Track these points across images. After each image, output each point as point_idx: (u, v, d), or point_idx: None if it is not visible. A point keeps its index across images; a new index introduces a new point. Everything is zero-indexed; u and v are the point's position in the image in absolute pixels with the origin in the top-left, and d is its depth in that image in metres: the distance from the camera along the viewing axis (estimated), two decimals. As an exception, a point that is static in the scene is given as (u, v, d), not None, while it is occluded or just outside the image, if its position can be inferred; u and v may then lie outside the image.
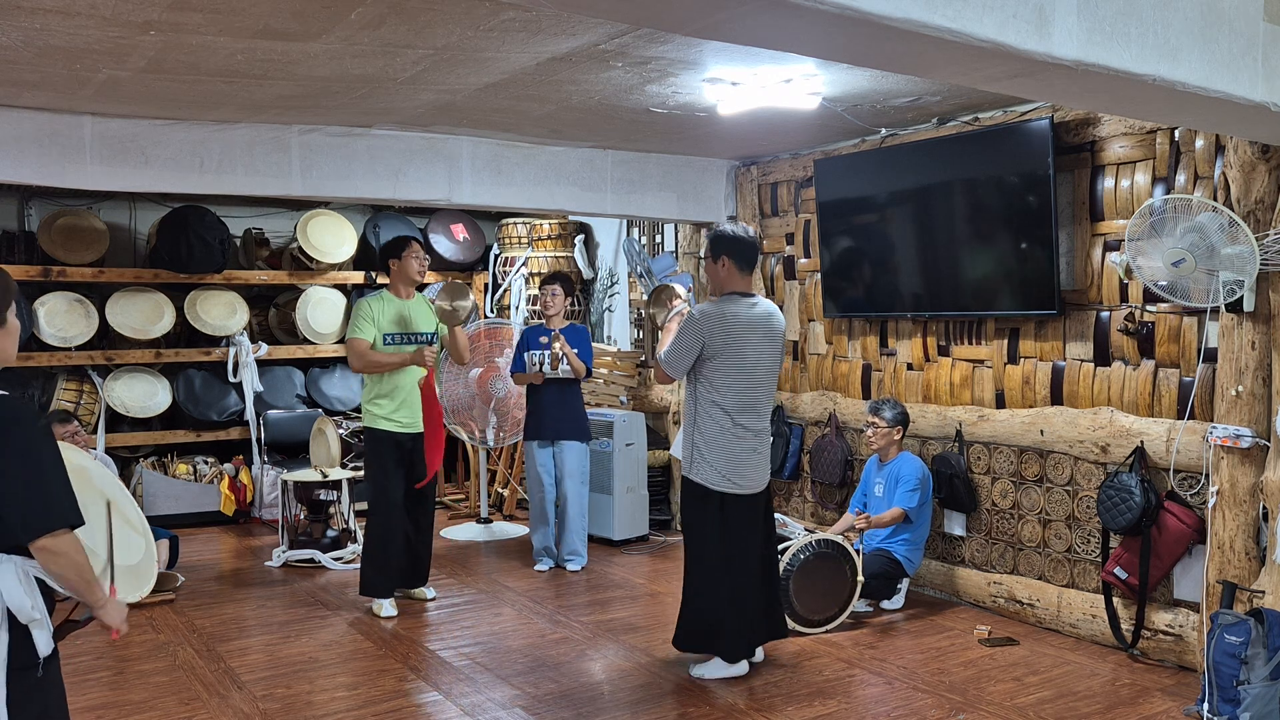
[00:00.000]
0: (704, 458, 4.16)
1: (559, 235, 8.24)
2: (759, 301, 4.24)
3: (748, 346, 4.12)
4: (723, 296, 4.21)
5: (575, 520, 6.04)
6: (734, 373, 4.11)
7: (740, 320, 4.11)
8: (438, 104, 4.86)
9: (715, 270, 4.25)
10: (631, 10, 2.36)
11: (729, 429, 4.13)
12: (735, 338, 4.09)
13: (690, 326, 4.11)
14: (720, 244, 4.22)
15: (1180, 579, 4.40)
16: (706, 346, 4.09)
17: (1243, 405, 3.99)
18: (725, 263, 4.22)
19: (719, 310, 4.12)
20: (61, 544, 2.13)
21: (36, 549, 2.11)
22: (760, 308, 4.21)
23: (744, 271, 4.24)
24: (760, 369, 4.17)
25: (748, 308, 4.17)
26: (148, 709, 3.92)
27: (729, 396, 4.12)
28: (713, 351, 4.09)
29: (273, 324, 8.06)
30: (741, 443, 4.15)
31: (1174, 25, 2.75)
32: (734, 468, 4.14)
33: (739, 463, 4.15)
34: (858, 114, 5.15)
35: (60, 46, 3.76)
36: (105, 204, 7.49)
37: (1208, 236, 3.81)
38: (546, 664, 4.43)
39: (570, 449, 5.99)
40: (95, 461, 2.53)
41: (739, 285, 4.23)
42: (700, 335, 4.08)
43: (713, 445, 4.14)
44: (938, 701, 3.99)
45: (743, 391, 4.14)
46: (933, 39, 2.33)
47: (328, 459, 6.79)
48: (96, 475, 2.45)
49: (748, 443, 4.17)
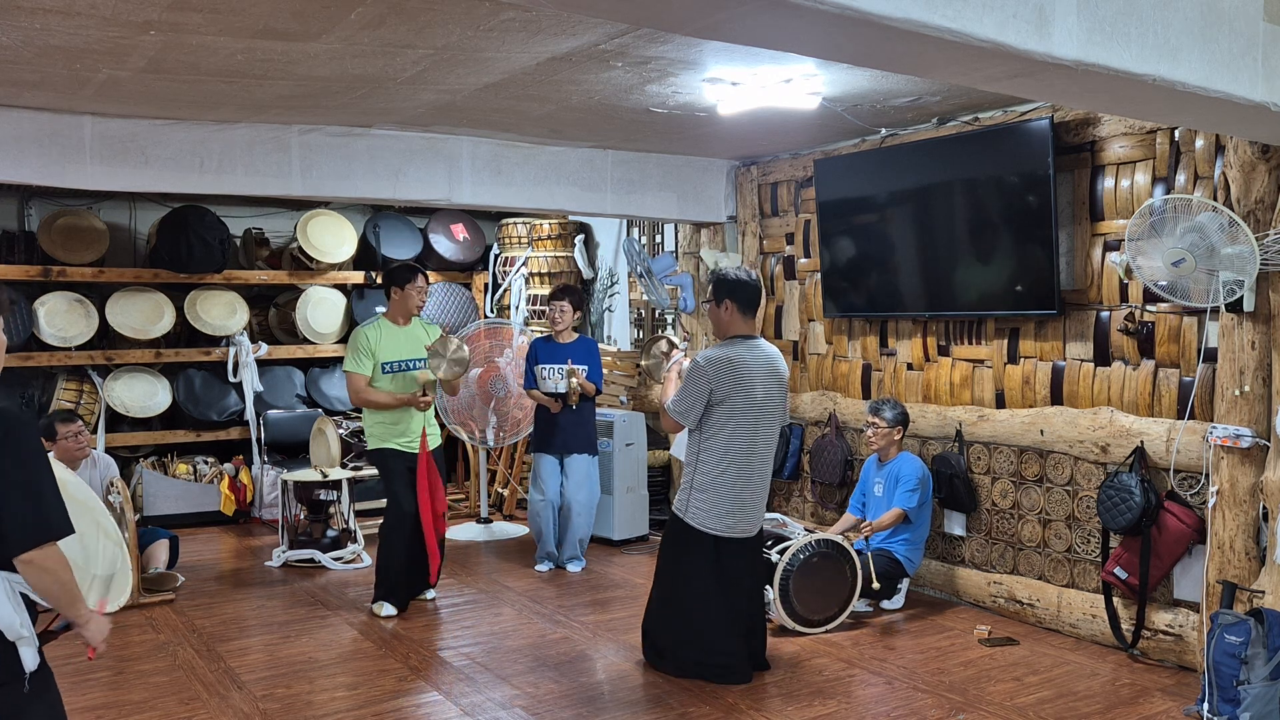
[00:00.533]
0: (701, 501, 4.14)
1: (559, 235, 8.24)
2: (762, 345, 4.23)
3: (755, 391, 4.11)
4: (726, 341, 4.21)
5: (580, 527, 6.06)
6: (741, 417, 4.09)
7: (746, 364, 4.10)
8: (438, 104, 4.86)
9: (718, 314, 4.25)
10: (631, 10, 2.36)
11: (733, 473, 4.11)
12: (742, 382, 4.08)
13: (697, 374, 4.10)
14: (723, 288, 4.22)
15: (1180, 579, 4.40)
16: (714, 393, 4.08)
17: (1243, 405, 3.99)
18: (728, 306, 4.21)
19: (724, 355, 4.10)
20: (48, 558, 2.10)
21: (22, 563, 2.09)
22: (764, 351, 4.20)
23: (747, 315, 4.24)
24: (767, 414, 4.15)
25: (752, 351, 4.15)
26: (148, 709, 3.92)
27: (734, 443, 4.10)
28: (720, 397, 4.08)
29: (273, 324, 8.06)
30: (743, 487, 4.13)
31: (1174, 25, 2.75)
32: (732, 511, 4.13)
33: (739, 507, 4.14)
34: (858, 114, 5.15)
35: (60, 46, 3.76)
36: (105, 204, 7.49)
37: (1208, 236, 3.81)
38: (546, 664, 4.43)
39: (579, 461, 6.02)
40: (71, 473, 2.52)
41: (742, 329, 4.23)
42: (708, 382, 4.07)
43: (711, 490, 4.12)
44: (938, 701, 3.99)
45: (749, 437, 4.12)
46: (933, 39, 2.33)
47: (328, 459, 6.79)
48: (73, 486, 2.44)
49: (749, 487, 4.15)
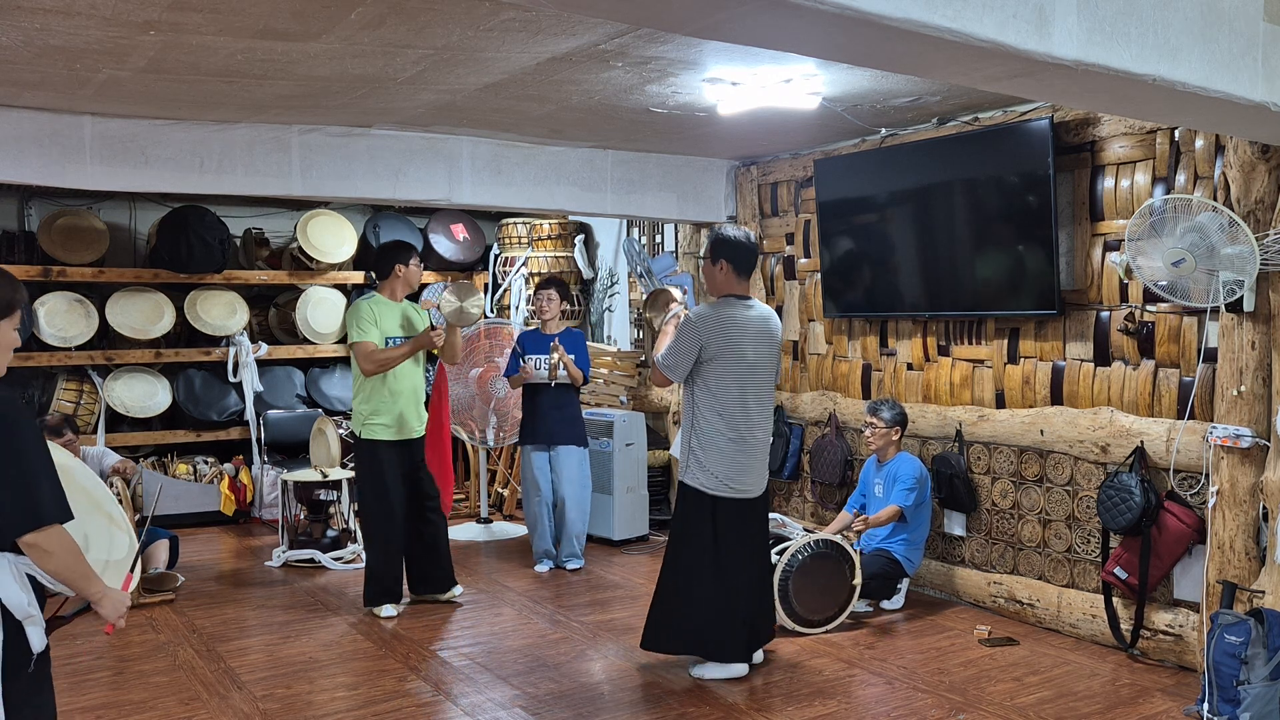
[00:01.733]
0: (700, 462, 4.15)
1: (559, 235, 8.24)
2: (755, 305, 4.24)
3: (746, 349, 4.12)
4: (720, 299, 4.21)
5: (575, 524, 6.05)
6: (732, 376, 4.11)
7: (738, 323, 4.11)
8: (438, 104, 4.86)
9: (713, 273, 4.25)
10: (631, 10, 2.36)
11: (727, 432, 4.12)
12: (733, 340, 4.09)
13: (688, 329, 4.11)
14: (720, 247, 4.22)
15: (1180, 579, 4.40)
16: (704, 349, 4.08)
17: (1243, 405, 3.99)
18: (724, 266, 4.22)
19: (716, 313, 4.11)
20: (51, 540, 2.13)
21: (26, 546, 2.12)
22: (757, 311, 4.21)
23: (742, 276, 4.24)
24: (759, 372, 4.17)
25: (745, 310, 4.17)
26: (148, 709, 3.92)
27: (728, 399, 4.12)
28: (711, 354, 4.08)
29: (273, 324, 8.06)
30: (740, 446, 4.14)
31: (1174, 25, 2.75)
32: (732, 471, 4.14)
33: (737, 466, 4.14)
34: (858, 114, 5.15)
35: (60, 46, 3.76)
36: (105, 204, 7.49)
37: (1208, 236, 3.81)
38: (546, 664, 4.43)
39: (567, 454, 5.99)
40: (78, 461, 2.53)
41: (736, 289, 4.23)
42: (698, 338, 4.08)
43: (710, 449, 4.13)
44: (938, 701, 3.99)
45: (741, 394, 4.13)
46: (933, 39, 2.33)
47: (328, 459, 6.79)
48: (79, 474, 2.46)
49: (746, 446, 4.16)
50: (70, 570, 2.18)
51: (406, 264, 5.15)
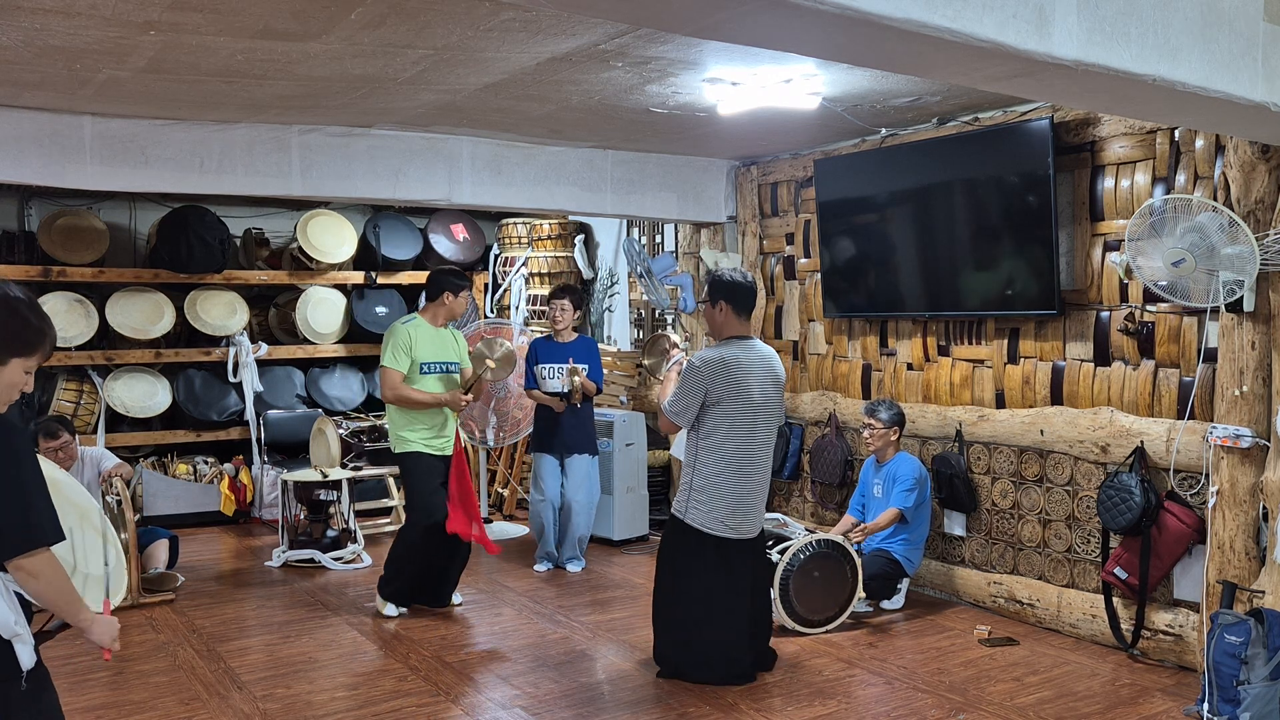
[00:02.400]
0: (701, 502, 4.12)
1: (559, 235, 8.24)
2: (757, 345, 4.22)
3: (752, 391, 4.10)
4: (722, 342, 4.21)
5: (579, 528, 6.06)
6: (737, 417, 4.09)
7: (742, 365, 4.09)
8: (438, 104, 4.86)
9: (713, 315, 4.25)
10: (631, 10, 2.36)
11: (729, 475, 4.10)
12: (738, 382, 4.07)
13: (692, 375, 4.09)
14: (718, 290, 4.21)
15: (1180, 579, 4.40)
16: (710, 393, 4.07)
17: (1243, 405, 3.99)
18: (723, 308, 4.21)
19: (719, 356, 4.09)
20: (38, 565, 2.10)
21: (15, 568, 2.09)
22: (759, 351, 4.19)
23: (742, 316, 4.23)
24: (763, 412, 4.15)
25: (748, 352, 4.15)
26: (148, 709, 3.92)
27: (731, 443, 4.09)
28: (716, 398, 4.07)
29: (273, 324, 8.06)
30: (742, 488, 4.12)
31: (1174, 25, 2.75)
32: (731, 512, 4.12)
33: (738, 508, 4.13)
34: (858, 114, 5.15)
35: (60, 46, 3.76)
36: (105, 204, 7.49)
37: (1208, 236, 3.81)
38: (546, 664, 4.43)
39: (579, 462, 6.02)
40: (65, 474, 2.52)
41: (737, 330, 4.22)
42: (703, 383, 4.06)
43: (711, 489, 4.11)
44: (938, 701, 3.99)
45: (746, 437, 4.11)
46: (933, 39, 2.33)
47: (328, 459, 6.79)
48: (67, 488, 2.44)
49: (748, 487, 4.14)
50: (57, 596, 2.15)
51: (455, 294, 5.12)
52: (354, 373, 8.11)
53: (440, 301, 5.12)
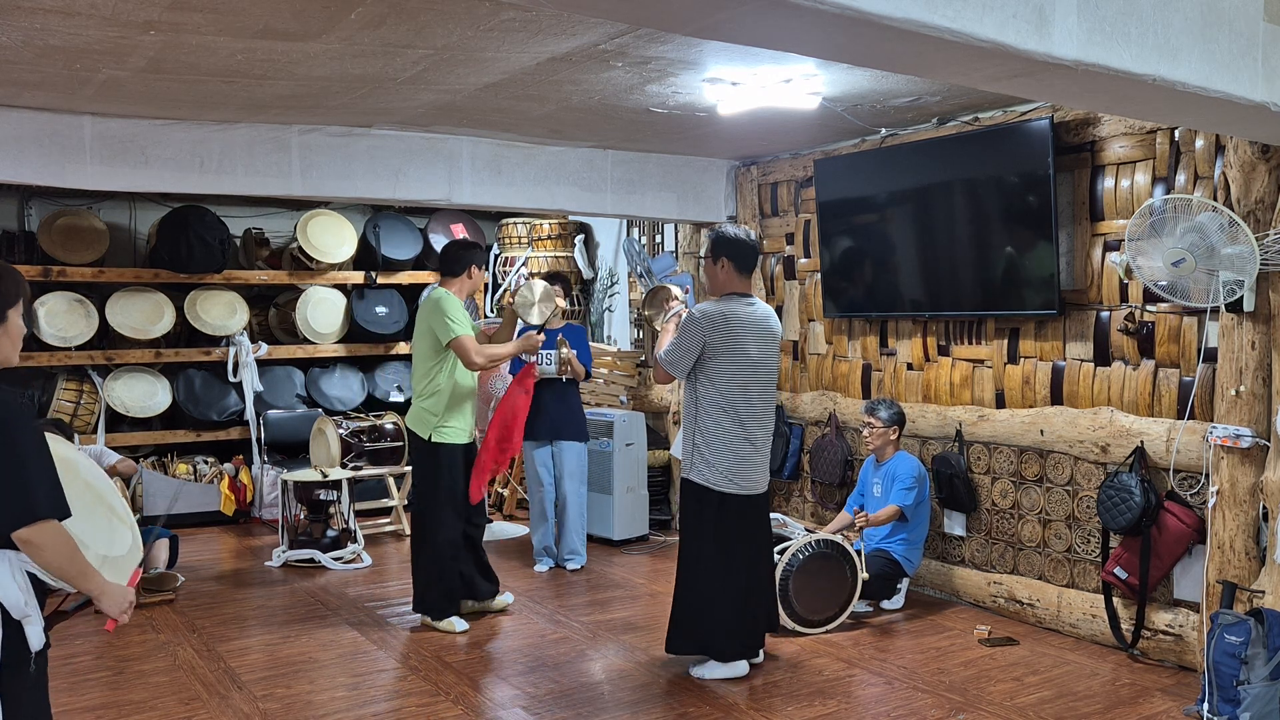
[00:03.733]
0: (704, 458, 4.16)
1: (559, 235, 8.24)
2: (757, 303, 4.25)
3: (750, 346, 4.13)
4: (721, 297, 4.22)
5: (574, 520, 6.05)
6: (735, 373, 4.11)
7: (741, 320, 4.12)
8: (438, 104, 4.86)
9: (714, 271, 4.26)
10: (631, 10, 2.36)
11: (731, 429, 4.13)
12: (736, 337, 4.10)
13: (691, 326, 4.11)
14: (720, 246, 4.23)
15: (1180, 579, 4.40)
16: (707, 346, 4.09)
17: (1243, 405, 3.99)
18: (725, 264, 4.23)
19: (719, 310, 4.12)
20: (43, 536, 2.12)
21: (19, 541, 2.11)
22: (759, 309, 4.23)
23: (743, 274, 4.25)
24: (761, 369, 4.18)
25: (747, 308, 4.18)
26: (148, 709, 3.92)
27: (731, 396, 4.12)
28: (714, 351, 4.09)
29: (273, 324, 8.06)
30: (743, 442, 4.15)
31: (1174, 25, 2.75)
32: (735, 468, 4.14)
33: (741, 462, 4.15)
34: (858, 114, 5.15)
35: (60, 46, 3.76)
36: (105, 204, 7.49)
37: (1208, 236, 3.81)
38: (546, 664, 4.43)
39: (569, 449, 6.00)
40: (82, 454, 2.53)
41: (737, 287, 4.24)
42: (701, 335, 4.09)
43: (714, 445, 4.14)
44: (938, 701, 3.99)
45: (745, 391, 4.14)
46: (933, 39, 2.33)
47: (328, 459, 6.79)
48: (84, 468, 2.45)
49: (749, 442, 4.17)
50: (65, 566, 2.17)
51: (480, 265, 5.00)
52: (354, 373, 8.10)
53: (467, 275, 4.95)
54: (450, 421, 4.83)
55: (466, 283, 4.97)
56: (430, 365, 4.82)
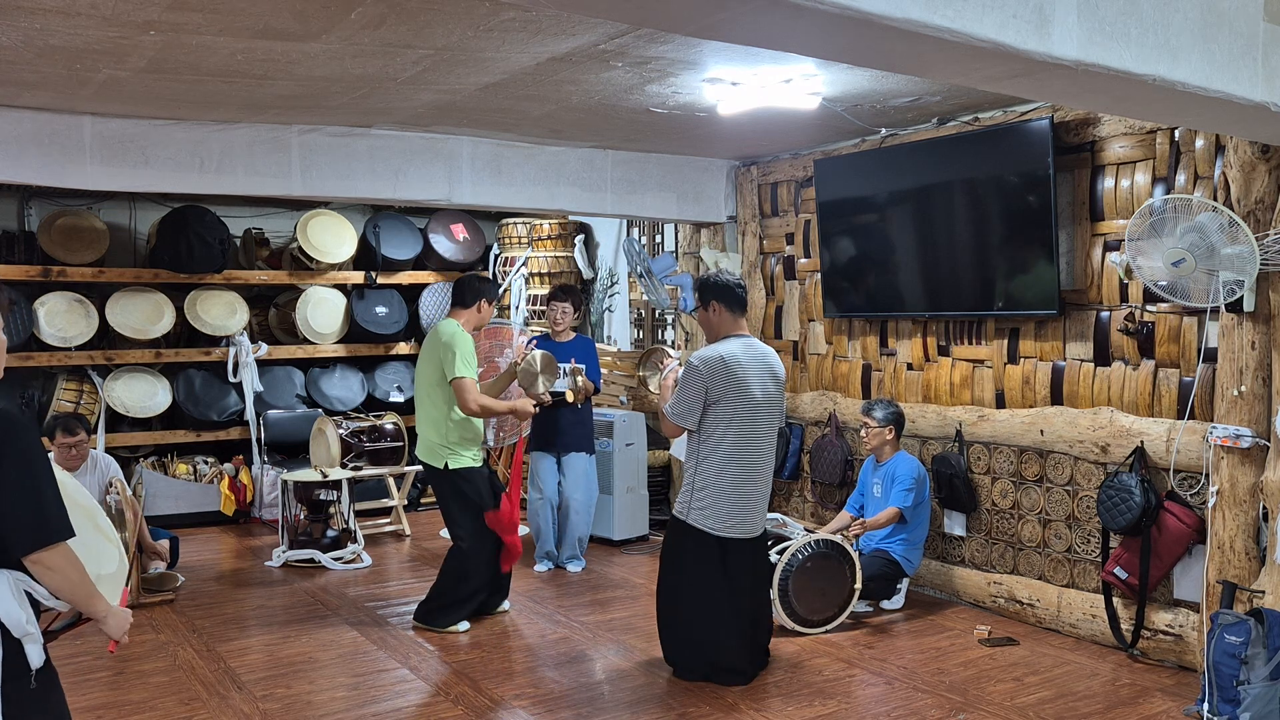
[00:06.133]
0: (704, 503, 4.12)
1: (559, 235, 8.24)
2: (755, 343, 4.23)
3: (753, 387, 4.10)
4: (719, 341, 4.21)
5: (579, 525, 6.06)
6: (739, 415, 4.09)
7: (741, 362, 4.10)
8: (438, 104, 4.86)
9: (707, 318, 4.26)
10: (631, 10, 2.36)
11: (734, 472, 4.10)
12: (738, 380, 4.07)
13: (692, 375, 4.09)
14: (707, 291, 4.22)
15: (1180, 579, 4.40)
16: (710, 391, 4.06)
17: (1243, 405, 3.99)
18: (716, 308, 4.22)
19: (717, 354, 4.10)
20: (56, 558, 2.11)
21: (32, 563, 2.10)
22: (757, 349, 4.20)
23: (735, 313, 4.24)
24: (764, 410, 4.15)
25: (746, 349, 4.15)
26: (148, 709, 3.92)
27: (733, 440, 4.09)
28: (716, 396, 4.06)
29: (273, 324, 8.06)
30: (745, 486, 4.13)
31: (1174, 25, 2.75)
32: (734, 512, 4.12)
33: (741, 507, 4.13)
34: (858, 114, 5.15)
35: (60, 46, 3.76)
36: (105, 204, 7.49)
37: (1208, 236, 3.81)
38: (546, 664, 4.43)
39: (577, 460, 6.03)
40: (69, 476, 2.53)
41: (733, 328, 4.23)
42: (703, 382, 4.06)
43: (714, 490, 4.10)
44: (938, 701, 3.99)
45: (747, 434, 4.11)
46: (933, 39, 2.33)
47: (328, 459, 6.79)
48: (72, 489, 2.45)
49: (751, 485, 4.15)
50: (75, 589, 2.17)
51: (490, 300, 5.01)
52: (354, 373, 8.10)
53: (477, 308, 4.96)
54: (462, 447, 4.87)
55: (475, 315, 4.98)
56: (436, 393, 4.85)
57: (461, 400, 4.77)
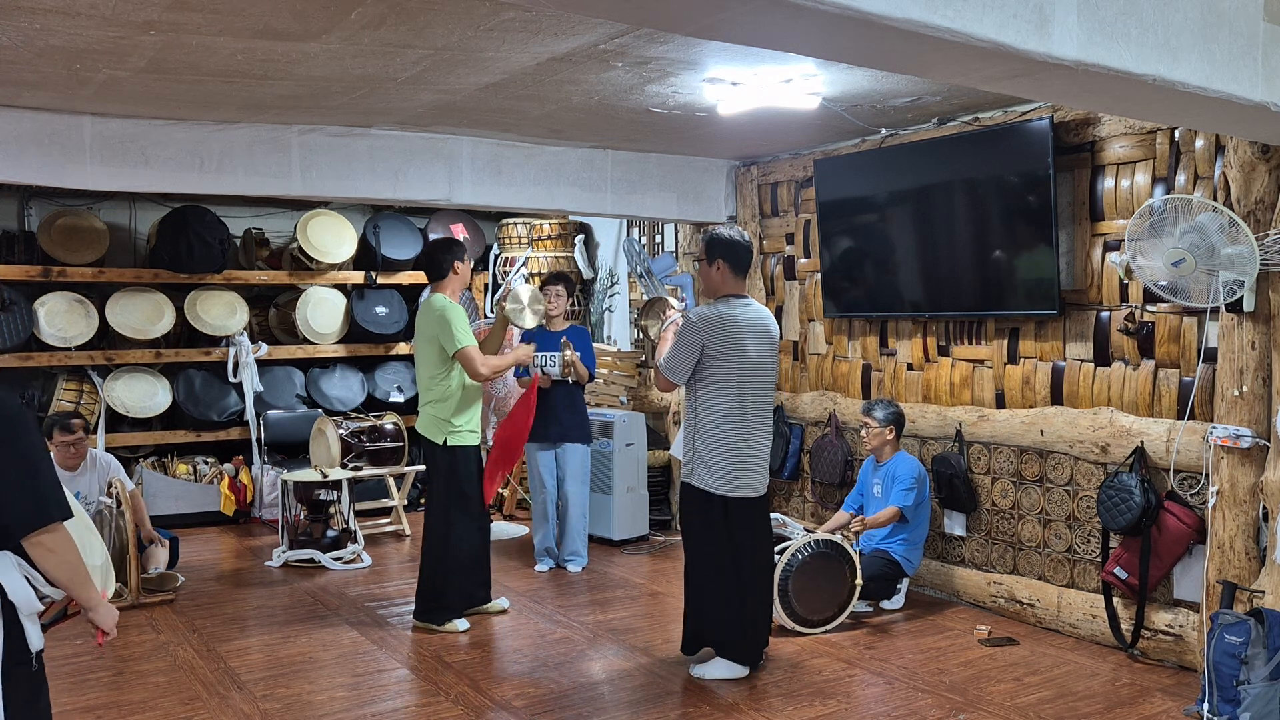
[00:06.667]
0: (705, 462, 4.15)
1: (559, 235, 8.24)
2: (753, 304, 4.26)
3: (748, 347, 4.12)
4: (717, 299, 4.22)
5: (576, 521, 6.05)
6: (735, 375, 4.11)
7: (738, 321, 4.12)
8: (438, 104, 4.86)
9: (710, 274, 4.26)
10: (631, 10, 2.36)
11: (731, 431, 4.12)
12: (734, 339, 4.09)
13: (689, 330, 4.11)
14: (715, 247, 4.23)
15: (1180, 579, 4.40)
16: (706, 349, 4.08)
17: (1243, 405, 3.99)
18: (720, 266, 4.23)
19: (715, 312, 4.12)
20: (56, 540, 2.14)
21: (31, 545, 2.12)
22: (755, 310, 4.23)
23: (738, 274, 4.25)
24: (760, 370, 4.17)
25: (743, 309, 4.18)
26: (148, 709, 3.92)
27: (730, 398, 4.12)
28: (712, 354, 4.08)
29: (273, 324, 8.06)
30: (743, 445, 4.14)
31: (1174, 25, 2.75)
32: (737, 471, 4.14)
33: (742, 465, 4.14)
34: (858, 114, 5.15)
35: (60, 46, 3.76)
36: (105, 204, 7.49)
37: (1208, 236, 3.81)
38: (546, 664, 4.43)
39: (573, 451, 6.00)
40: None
41: (732, 288, 4.24)
42: (700, 338, 4.08)
43: (715, 449, 4.13)
44: (938, 701, 3.99)
45: (744, 393, 4.14)
46: (933, 39, 2.33)
47: (328, 459, 6.79)
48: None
49: (750, 445, 4.16)
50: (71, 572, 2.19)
51: (461, 259, 4.93)
52: (354, 373, 8.10)
53: (454, 271, 4.90)
54: (463, 424, 4.85)
55: (455, 280, 4.92)
56: (437, 371, 4.81)
57: (471, 370, 4.76)
